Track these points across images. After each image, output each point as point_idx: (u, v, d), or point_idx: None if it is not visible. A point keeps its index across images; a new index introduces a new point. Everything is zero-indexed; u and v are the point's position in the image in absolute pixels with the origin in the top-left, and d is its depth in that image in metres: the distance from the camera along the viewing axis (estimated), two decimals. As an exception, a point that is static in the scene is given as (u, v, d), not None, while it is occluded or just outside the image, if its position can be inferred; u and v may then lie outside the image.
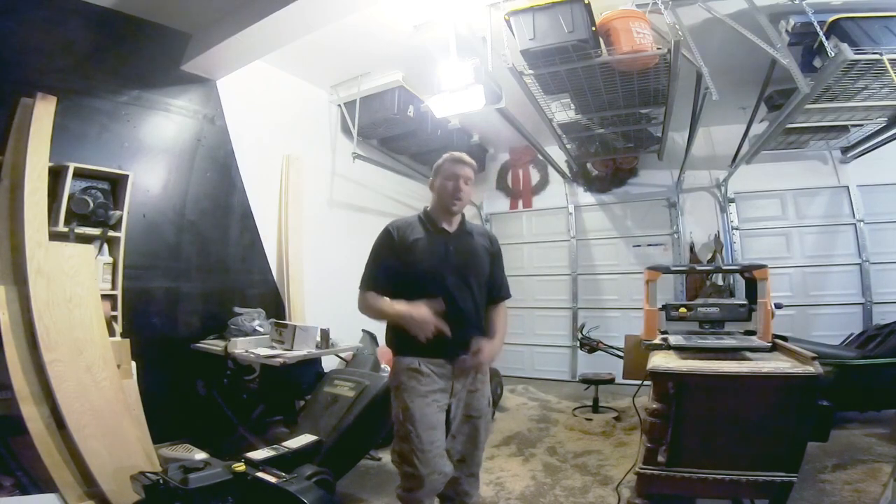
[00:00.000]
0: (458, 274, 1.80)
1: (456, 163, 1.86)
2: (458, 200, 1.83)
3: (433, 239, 1.82)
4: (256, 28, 2.94)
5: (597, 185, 5.82)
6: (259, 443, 2.68)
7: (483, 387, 1.88)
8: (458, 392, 1.80)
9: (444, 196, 1.84)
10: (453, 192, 1.82)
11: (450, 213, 1.85)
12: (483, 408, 1.87)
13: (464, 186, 1.84)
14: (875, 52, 2.63)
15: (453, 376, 1.77)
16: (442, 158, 1.90)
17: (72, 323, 2.40)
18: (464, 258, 1.83)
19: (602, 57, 2.92)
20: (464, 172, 1.84)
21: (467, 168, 1.86)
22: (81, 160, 2.74)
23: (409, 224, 1.86)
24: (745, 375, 1.77)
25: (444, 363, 1.76)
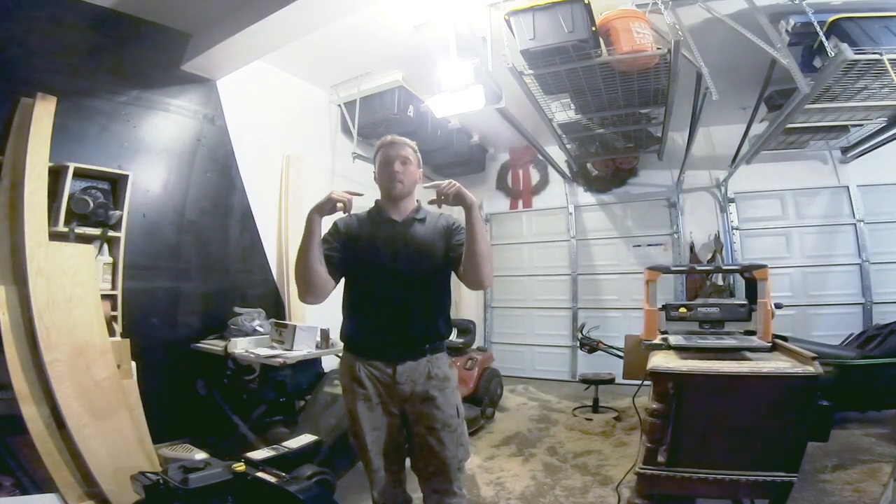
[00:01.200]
0: (404, 267, 1.65)
1: (388, 146, 1.75)
2: (398, 182, 1.70)
3: (378, 230, 1.71)
4: (256, 28, 2.94)
5: (597, 185, 5.82)
6: (259, 443, 2.68)
7: (442, 395, 1.65)
8: (404, 399, 1.65)
9: (383, 182, 1.74)
10: (390, 176, 1.70)
11: (394, 200, 1.73)
12: (446, 418, 1.64)
13: (400, 167, 1.71)
14: (875, 52, 2.62)
15: (395, 382, 1.63)
16: (376, 145, 1.80)
17: (72, 323, 2.40)
18: (411, 248, 1.68)
19: (602, 57, 2.92)
20: (399, 152, 1.73)
21: (401, 147, 1.74)
22: (81, 160, 2.74)
23: (355, 216, 1.75)
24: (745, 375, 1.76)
25: (382, 366, 1.64)
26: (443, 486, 1.67)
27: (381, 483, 1.69)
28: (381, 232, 1.71)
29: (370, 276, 1.67)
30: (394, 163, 1.71)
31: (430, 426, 1.64)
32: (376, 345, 1.66)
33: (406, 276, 1.65)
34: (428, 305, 1.70)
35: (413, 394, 1.65)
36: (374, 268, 1.66)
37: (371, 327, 1.67)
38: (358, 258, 1.67)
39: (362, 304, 1.71)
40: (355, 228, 1.72)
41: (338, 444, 2.41)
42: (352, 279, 1.71)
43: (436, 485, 1.68)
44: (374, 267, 1.66)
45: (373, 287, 1.67)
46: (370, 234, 1.70)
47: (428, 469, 1.68)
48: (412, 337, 1.67)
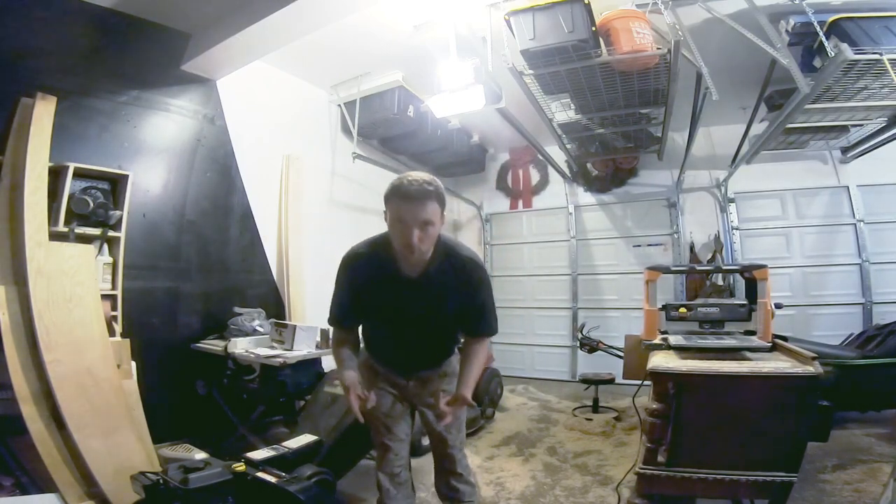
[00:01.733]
0: (415, 322, 1.65)
1: (405, 200, 1.40)
2: (412, 252, 1.44)
3: (389, 287, 1.58)
4: (256, 28, 2.94)
5: (597, 185, 5.82)
6: (259, 443, 2.68)
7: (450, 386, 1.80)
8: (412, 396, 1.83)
9: (397, 244, 1.48)
10: (405, 244, 1.43)
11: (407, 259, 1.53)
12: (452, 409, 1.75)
13: (420, 235, 1.40)
14: (875, 52, 2.62)
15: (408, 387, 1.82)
16: (390, 188, 1.47)
17: (72, 323, 2.40)
18: (424, 306, 1.60)
19: (602, 57, 2.92)
20: (416, 215, 1.39)
21: (424, 207, 1.40)
22: (81, 160, 2.74)
23: (369, 260, 1.58)
24: (745, 375, 1.76)
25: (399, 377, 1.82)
26: (449, 466, 1.86)
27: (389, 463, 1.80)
28: (393, 289, 1.58)
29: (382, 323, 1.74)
30: (412, 229, 1.40)
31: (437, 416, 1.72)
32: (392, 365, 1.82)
33: (417, 328, 1.70)
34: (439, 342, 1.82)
35: (425, 390, 1.81)
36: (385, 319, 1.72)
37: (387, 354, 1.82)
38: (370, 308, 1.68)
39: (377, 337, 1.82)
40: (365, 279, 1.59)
41: (338, 444, 2.41)
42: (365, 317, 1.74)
43: (444, 465, 1.87)
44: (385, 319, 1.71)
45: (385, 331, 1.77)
46: (381, 288, 1.59)
47: (437, 450, 1.87)
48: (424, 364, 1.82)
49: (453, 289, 1.59)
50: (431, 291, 1.58)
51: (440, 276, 1.56)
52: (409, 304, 1.61)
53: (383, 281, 1.58)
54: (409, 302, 1.61)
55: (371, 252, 1.60)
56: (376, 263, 1.57)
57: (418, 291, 1.58)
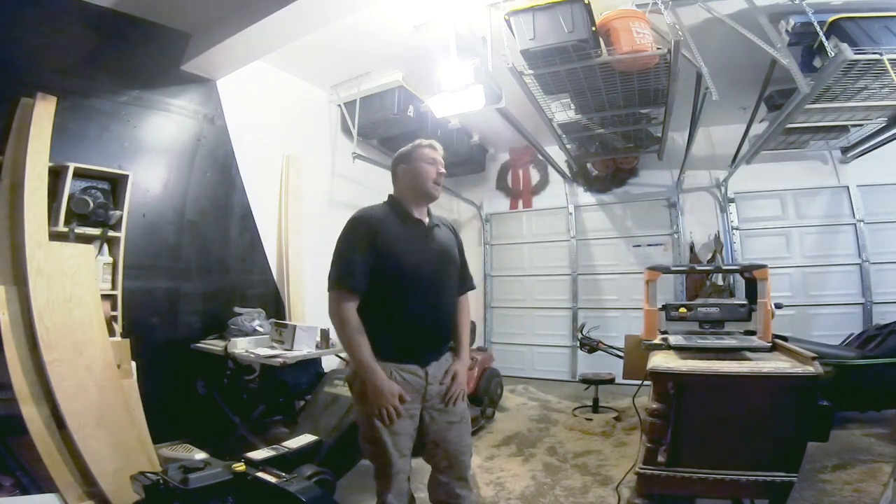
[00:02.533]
0: (437, 269, 1.69)
1: (433, 148, 1.77)
2: (439, 185, 1.74)
3: (410, 231, 1.69)
4: (256, 28, 2.94)
5: (597, 185, 5.82)
6: (259, 443, 2.68)
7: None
8: (431, 397, 1.69)
9: (423, 182, 1.71)
10: (436, 177, 1.72)
11: (429, 200, 1.74)
12: (463, 410, 1.78)
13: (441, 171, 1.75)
14: (875, 52, 2.63)
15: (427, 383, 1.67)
16: (414, 143, 1.78)
17: (72, 323, 2.40)
18: (441, 251, 1.74)
19: (602, 57, 2.92)
20: (439, 157, 1.76)
21: (440, 152, 1.79)
22: (81, 160, 2.74)
23: (379, 214, 1.69)
24: (745, 375, 1.76)
25: (417, 369, 1.66)
26: (455, 475, 1.74)
27: (400, 485, 1.66)
28: (412, 234, 1.69)
29: (405, 280, 1.63)
30: (440, 165, 1.73)
31: (450, 421, 1.72)
32: (411, 348, 1.67)
33: (437, 279, 1.69)
34: (450, 306, 1.79)
35: (439, 392, 1.71)
36: (411, 271, 1.63)
37: (407, 332, 1.66)
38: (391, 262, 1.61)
39: (398, 309, 1.65)
40: (392, 232, 1.64)
41: (338, 444, 2.41)
42: (386, 284, 1.62)
43: (449, 475, 1.74)
44: (411, 270, 1.63)
45: (409, 290, 1.64)
46: (402, 233, 1.66)
47: (443, 463, 1.73)
48: (440, 338, 1.76)
49: (452, 237, 1.83)
50: (439, 234, 1.77)
51: (440, 227, 1.80)
52: (425, 243, 1.70)
53: (400, 222, 1.69)
54: (425, 241, 1.71)
55: (382, 206, 1.75)
56: (390, 211, 1.72)
57: (429, 232, 1.74)
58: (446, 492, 1.75)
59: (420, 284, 1.64)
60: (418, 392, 1.66)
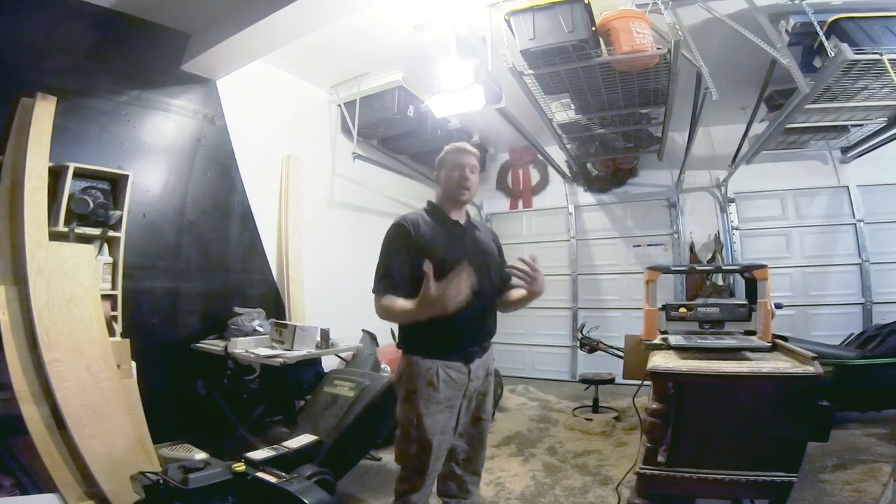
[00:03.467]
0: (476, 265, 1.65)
1: (459, 152, 1.82)
2: (467, 189, 1.78)
3: (448, 230, 1.77)
4: (256, 28, 2.94)
5: (597, 185, 5.82)
6: (259, 443, 2.68)
7: (491, 388, 1.89)
8: (470, 394, 1.74)
9: (451, 186, 1.79)
10: (460, 182, 1.77)
11: (459, 204, 1.81)
12: (489, 409, 1.89)
13: (470, 175, 1.79)
14: (875, 52, 2.62)
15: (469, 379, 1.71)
16: (444, 150, 1.86)
17: (72, 323, 2.40)
18: (479, 249, 1.80)
19: (602, 57, 2.92)
20: (468, 161, 1.80)
21: (471, 157, 1.82)
22: (81, 160, 2.74)
23: (420, 218, 1.77)
24: (745, 375, 1.76)
25: (461, 366, 1.70)
26: (472, 469, 1.84)
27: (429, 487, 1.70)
28: (451, 235, 1.76)
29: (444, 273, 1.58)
30: (465, 169, 1.78)
31: (480, 417, 1.82)
32: (455, 345, 1.71)
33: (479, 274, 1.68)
34: (492, 304, 1.83)
35: (477, 390, 1.79)
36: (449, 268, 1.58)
37: (450, 328, 1.66)
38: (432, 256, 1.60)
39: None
40: (426, 232, 1.71)
41: (338, 444, 2.41)
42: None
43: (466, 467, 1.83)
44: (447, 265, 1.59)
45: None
46: (441, 234, 1.74)
47: (462, 455, 1.81)
48: (484, 334, 1.80)
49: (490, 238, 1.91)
50: (478, 234, 1.85)
51: (479, 228, 1.89)
52: (465, 243, 1.77)
53: (439, 225, 1.76)
54: (465, 242, 1.77)
55: (420, 211, 1.82)
56: (430, 216, 1.79)
57: (468, 232, 1.83)
58: (458, 485, 1.83)
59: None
60: (461, 389, 1.71)
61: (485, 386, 1.83)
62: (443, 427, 1.67)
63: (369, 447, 2.82)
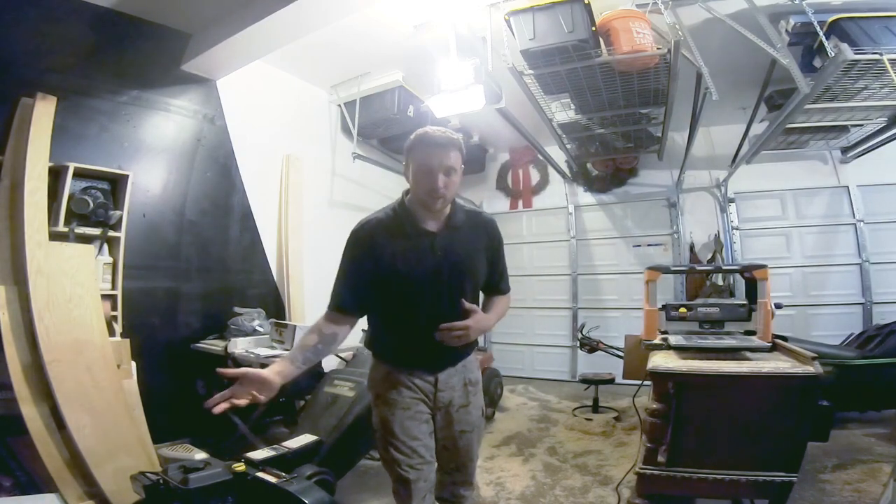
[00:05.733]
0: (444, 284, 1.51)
1: (429, 147, 1.44)
2: (439, 198, 1.44)
3: (414, 244, 1.49)
4: (256, 28, 2.94)
5: (597, 185, 5.81)
6: (259, 443, 2.68)
7: (475, 398, 1.70)
8: (443, 405, 1.60)
9: (420, 191, 1.46)
10: (430, 191, 1.43)
11: (426, 209, 1.49)
12: (475, 420, 1.70)
13: (444, 180, 1.42)
14: (875, 52, 2.62)
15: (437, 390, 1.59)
16: (413, 138, 1.50)
17: (72, 323, 2.40)
18: (452, 265, 1.52)
19: (602, 57, 2.92)
20: (442, 161, 1.42)
21: (446, 153, 1.43)
22: (81, 160, 2.74)
23: (383, 225, 1.52)
24: (745, 375, 1.77)
25: (426, 374, 1.58)
26: (461, 479, 1.73)
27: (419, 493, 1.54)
28: (418, 247, 1.50)
29: (408, 294, 1.51)
30: (437, 174, 1.42)
31: (462, 430, 1.65)
32: (417, 358, 1.58)
33: (448, 294, 1.52)
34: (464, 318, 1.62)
35: (451, 401, 1.62)
36: (412, 286, 1.50)
37: (411, 343, 1.57)
38: (393, 276, 1.48)
39: (400, 320, 1.57)
40: (384, 243, 1.49)
41: (338, 444, 2.41)
42: (386, 295, 1.53)
43: (455, 477, 1.73)
44: (412, 286, 1.50)
45: (411, 304, 1.53)
46: (405, 249, 1.49)
47: (450, 465, 1.70)
48: (451, 350, 1.58)
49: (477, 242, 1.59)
50: (457, 240, 1.54)
51: (463, 230, 1.56)
52: (436, 258, 1.50)
53: (404, 237, 1.49)
54: (436, 256, 1.50)
55: (384, 215, 1.54)
56: (394, 222, 1.51)
57: (443, 243, 1.51)
58: (450, 492, 1.76)
59: (424, 299, 1.51)
60: (428, 397, 1.59)
61: (465, 398, 1.65)
62: (413, 434, 1.55)
63: (369, 447, 2.81)
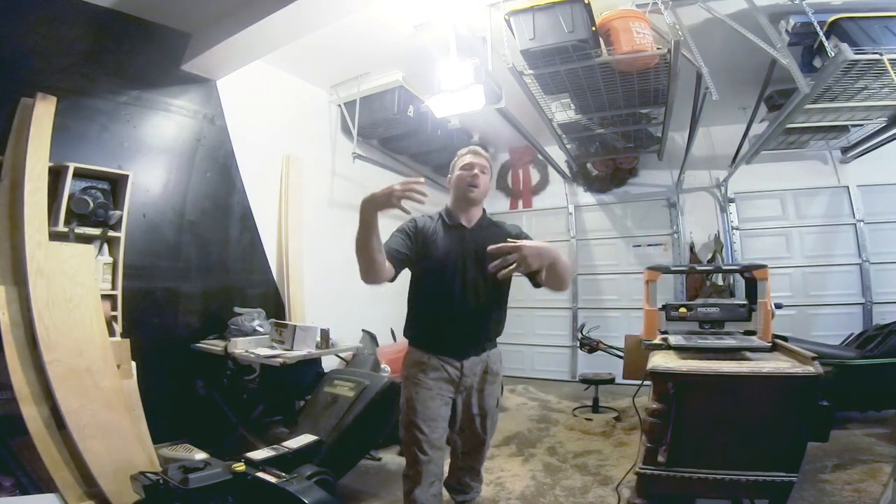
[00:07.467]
0: (472, 270, 1.77)
1: (470, 153, 1.89)
2: (475, 188, 1.82)
3: (449, 234, 1.81)
4: (256, 28, 2.94)
5: (597, 185, 5.82)
6: (259, 443, 2.68)
7: (491, 387, 1.90)
8: (465, 388, 1.82)
9: (461, 186, 1.84)
10: (470, 181, 1.82)
11: (468, 203, 1.85)
12: (490, 407, 1.90)
13: (480, 174, 1.84)
14: (875, 52, 2.63)
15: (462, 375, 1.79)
16: (457, 154, 1.93)
17: (72, 323, 2.40)
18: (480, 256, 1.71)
19: (602, 57, 2.92)
20: (479, 161, 1.85)
21: (482, 158, 1.87)
22: (81, 160, 2.74)
23: (430, 219, 1.86)
24: (745, 375, 1.76)
25: (453, 361, 1.78)
26: (470, 464, 1.95)
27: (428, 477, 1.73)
28: (452, 238, 1.80)
29: (442, 280, 1.75)
30: (474, 169, 1.83)
31: (479, 413, 1.87)
32: (447, 343, 1.80)
33: (474, 283, 1.76)
34: (491, 308, 1.84)
35: (472, 386, 1.84)
36: (445, 273, 1.75)
37: (441, 328, 1.79)
38: (430, 262, 1.76)
39: (432, 305, 1.80)
40: (430, 231, 1.80)
41: (338, 444, 2.41)
42: (422, 280, 1.81)
43: (465, 462, 1.94)
44: (445, 272, 1.75)
45: (444, 290, 1.75)
46: (443, 238, 1.79)
47: (464, 448, 1.92)
48: (478, 337, 1.84)
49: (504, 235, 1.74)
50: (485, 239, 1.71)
51: (489, 230, 1.86)
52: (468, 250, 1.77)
53: (444, 228, 1.82)
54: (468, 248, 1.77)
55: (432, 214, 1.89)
56: (437, 218, 1.86)
57: (474, 233, 1.82)
58: (457, 479, 1.94)
59: (452, 283, 1.75)
60: (453, 381, 1.79)
61: (481, 383, 1.85)
62: (434, 414, 1.74)
63: (369, 447, 2.82)
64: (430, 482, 1.74)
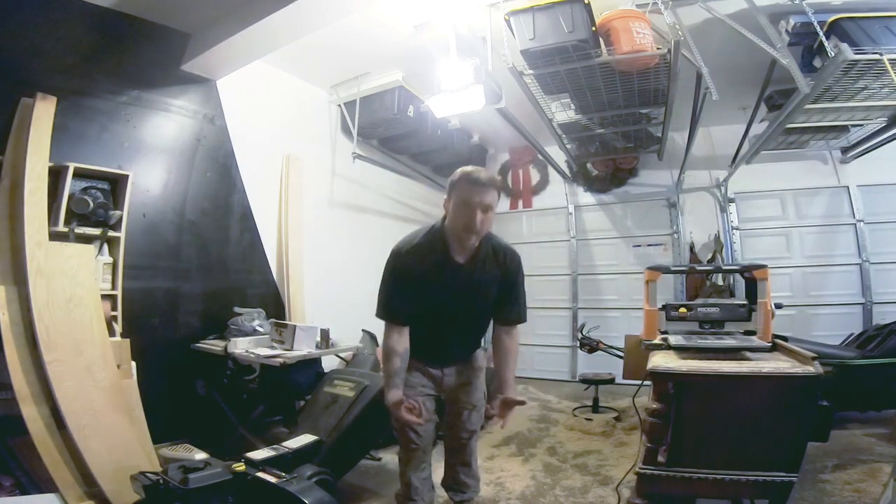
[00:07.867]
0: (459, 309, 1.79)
1: (473, 185, 1.58)
2: (474, 234, 1.62)
3: (443, 274, 1.71)
4: (256, 28, 2.94)
5: (597, 185, 5.82)
6: (259, 443, 2.68)
7: (476, 380, 1.97)
8: (447, 388, 1.92)
9: (457, 226, 1.63)
10: (466, 225, 1.59)
11: (460, 243, 1.68)
12: (476, 400, 1.96)
13: (481, 217, 1.58)
14: (875, 52, 2.62)
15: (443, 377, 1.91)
16: (458, 175, 1.64)
17: (72, 323, 2.40)
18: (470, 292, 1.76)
19: (602, 57, 2.92)
20: (482, 199, 1.58)
21: (487, 194, 1.58)
22: (81, 160, 2.74)
23: (419, 250, 1.71)
24: (745, 375, 1.76)
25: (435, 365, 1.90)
26: (460, 459, 1.98)
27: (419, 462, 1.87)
28: (445, 276, 1.72)
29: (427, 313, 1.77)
30: (475, 211, 1.58)
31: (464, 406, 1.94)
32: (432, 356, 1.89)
33: (460, 316, 1.82)
34: (474, 333, 1.95)
35: (453, 384, 1.93)
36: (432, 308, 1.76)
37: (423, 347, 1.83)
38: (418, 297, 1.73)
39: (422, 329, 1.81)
40: (418, 271, 1.71)
41: (338, 444, 2.41)
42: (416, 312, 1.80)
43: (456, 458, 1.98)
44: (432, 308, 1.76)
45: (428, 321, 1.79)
46: (434, 278, 1.72)
47: (453, 444, 1.98)
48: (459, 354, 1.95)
49: (496, 275, 1.77)
50: (478, 276, 1.74)
51: (486, 263, 1.75)
52: (457, 288, 1.73)
53: (435, 266, 1.71)
54: (458, 286, 1.73)
55: (423, 241, 1.73)
56: (429, 250, 1.71)
57: (467, 276, 1.73)
58: (453, 477, 1.97)
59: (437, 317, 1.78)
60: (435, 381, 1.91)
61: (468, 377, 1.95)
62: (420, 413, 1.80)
63: (369, 447, 2.82)
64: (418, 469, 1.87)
